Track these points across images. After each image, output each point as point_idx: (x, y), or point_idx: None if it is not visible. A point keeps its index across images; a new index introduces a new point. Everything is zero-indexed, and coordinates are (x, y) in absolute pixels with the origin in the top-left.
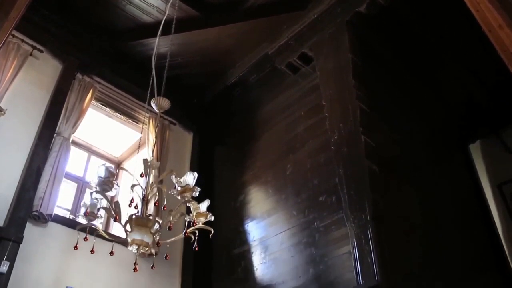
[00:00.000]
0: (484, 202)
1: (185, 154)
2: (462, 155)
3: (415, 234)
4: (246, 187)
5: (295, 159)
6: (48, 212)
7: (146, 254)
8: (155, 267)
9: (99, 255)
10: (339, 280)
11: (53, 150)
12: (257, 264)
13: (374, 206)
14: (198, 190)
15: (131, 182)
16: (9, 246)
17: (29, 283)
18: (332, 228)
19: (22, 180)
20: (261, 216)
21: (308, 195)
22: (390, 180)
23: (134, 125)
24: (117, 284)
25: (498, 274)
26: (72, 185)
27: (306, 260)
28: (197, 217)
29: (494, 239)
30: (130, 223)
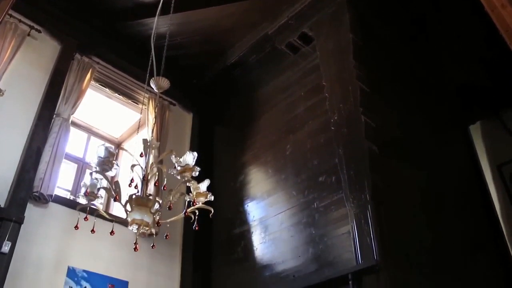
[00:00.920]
0: (483, 183)
1: (185, 135)
2: (462, 136)
3: (415, 215)
4: (246, 167)
5: (295, 139)
6: (49, 192)
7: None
8: (155, 246)
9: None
10: (338, 259)
11: (52, 131)
12: (257, 244)
13: (373, 186)
14: (198, 169)
15: (131, 162)
16: (10, 227)
17: (31, 263)
18: (332, 208)
19: (22, 161)
20: (261, 196)
21: (308, 175)
22: (390, 160)
23: (133, 106)
24: (118, 263)
25: (496, 253)
26: (72, 166)
27: (306, 240)
28: (197, 197)
29: (492, 219)
30: (130, 203)
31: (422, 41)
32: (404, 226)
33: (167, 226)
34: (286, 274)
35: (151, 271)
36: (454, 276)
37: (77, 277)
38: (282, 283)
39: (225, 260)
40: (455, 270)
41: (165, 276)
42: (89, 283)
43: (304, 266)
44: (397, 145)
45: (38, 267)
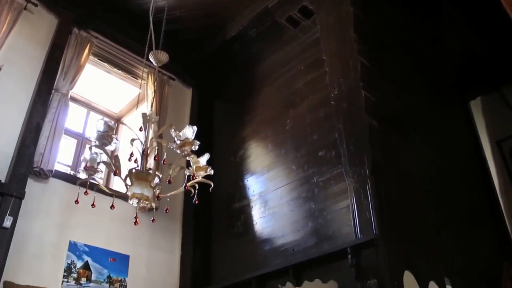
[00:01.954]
0: (483, 158)
1: (185, 109)
2: (463, 111)
3: (414, 189)
4: (246, 142)
5: (295, 114)
6: (49, 168)
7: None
8: (155, 220)
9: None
10: (337, 234)
11: (51, 106)
12: (257, 218)
13: (373, 161)
14: (198, 144)
15: (131, 137)
16: (11, 202)
17: (33, 237)
18: (331, 183)
19: (22, 137)
20: (260, 171)
21: (308, 150)
22: (389, 135)
23: (132, 81)
24: (119, 238)
25: (494, 228)
26: (72, 141)
27: (305, 214)
28: (196, 171)
29: (491, 194)
30: (130, 177)
31: (423, 15)
32: (403, 201)
33: (167, 200)
34: (286, 248)
35: (151, 245)
36: (453, 250)
37: (78, 251)
38: (281, 257)
39: (225, 234)
40: (454, 245)
41: (166, 250)
42: (90, 257)
43: (303, 240)
44: (397, 120)
45: (40, 242)
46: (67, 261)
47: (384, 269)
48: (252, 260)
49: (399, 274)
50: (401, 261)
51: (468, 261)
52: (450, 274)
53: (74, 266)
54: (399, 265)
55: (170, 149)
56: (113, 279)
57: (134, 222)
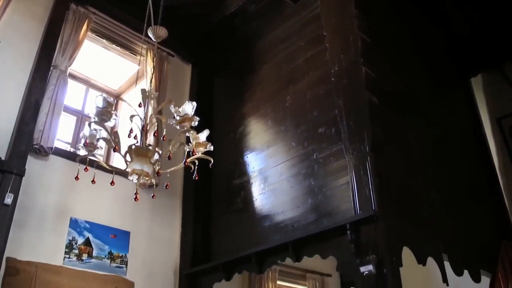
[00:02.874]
0: (483, 135)
1: (184, 86)
2: (463, 88)
3: (414, 166)
4: (246, 118)
5: (295, 90)
6: (49, 145)
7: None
8: (155, 196)
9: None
10: (336, 210)
11: (50, 83)
12: (257, 195)
13: (373, 137)
14: (197, 119)
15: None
16: (12, 179)
17: (34, 214)
18: (331, 160)
19: (21, 114)
20: (260, 147)
21: (308, 126)
22: (390, 112)
23: (131, 57)
24: (119, 214)
25: (493, 206)
26: (72, 118)
27: (305, 191)
28: (196, 147)
29: (490, 172)
30: (129, 153)
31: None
32: (403, 177)
33: (167, 176)
34: (285, 224)
35: (152, 222)
36: (451, 227)
37: (79, 227)
38: (281, 233)
39: (225, 211)
40: (453, 222)
41: (166, 226)
42: (91, 233)
43: (303, 217)
44: (398, 96)
45: (41, 218)
46: (68, 237)
47: (383, 245)
48: (252, 236)
49: (397, 250)
50: (400, 237)
51: (466, 238)
52: (448, 251)
53: (76, 242)
54: (398, 241)
55: (169, 125)
56: (114, 255)
57: (134, 198)
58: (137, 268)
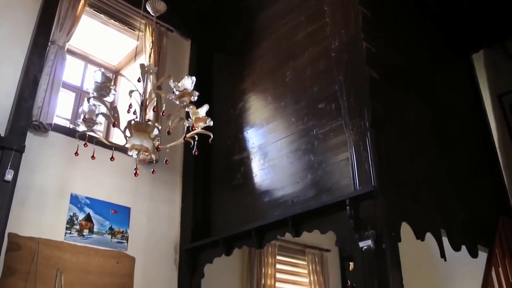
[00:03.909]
0: (483, 112)
1: (183, 62)
2: (465, 64)
3: (414, 142)
4: (245, 94)
5: (295, 66)
6: (48, 121)
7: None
8: (155, 171)
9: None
10: (336, 186)
11: (48, 59)
12: (256, 170)
13: (373, 113)
14: (197, 94)
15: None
16: (12, 155)
17: (34, 191)
18: (331, 135)
19: (20, 90)
20: (260, 123)
21: (308, 102)
22: (390, 87)
23: (130, 33)
24: (119, 190)
25: (491, 181)
26: (71, 94)
27: (305, 167)
28: (196, 122)
29: (489, 148)
30: (129, 128)
31: None
32: (402, 153)
33: (166, 151)
34: (285, 200)
35: (152, 198)
36: (450, 203)
37: (80, 203)
38: (281, 208)
39: (224, 186)
40: (452, 197)
41: (166, 202)
42: (92, 209)
43: (302, 192)
44: (399, 72)
45: (42, 195)
46: (69, 213)
47: (382, 221)
48: (251, 212)
49: (396, 225)
50: (399, 212)
51: (465, 214)
52: (447, 226)
53: (76, 218)
54: (396, 217)
55: (169, 100)
56: (115, 230)
57: (134, 174)
58: (138, 243)
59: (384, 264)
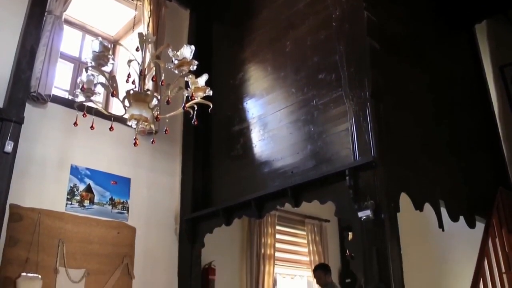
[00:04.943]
0: (484, 83)
1: (182, 32)
2: (467, 35)
3: (414, 113)
4: (245, 64)
5: (295, 36)
6: (46, 92)
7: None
8: (155, 141)
9: (101, 134)
10: (336, 156)
11: (45, 29)
12: (256, 141)
13: (373, 83)
14: (196, 63)
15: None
16: (11, 127)
17: (34, 162)
18: (331, 106)
19: (17, 61)
20: (260, 93)
21: (308, 72)
22: (391, 58)
23: (128, 2)
24: (120, 161)
25: (491, 153)
26: (69, 65)
27: (304, 137)
28: (195, 92)
29: (490, 119)
30: (128, 98)
31: None
32: (402, 124)
33: (166, 121)
34: (285, 170)
35: (152, 169)
36: (449, 173)
37: (80, 174)
38: (280, 179)
39: (224, 157)
40: (451, 168)
41: (166, 173)
42: (92, 180)
43: (302, 163)
44: (400, 42)
45: (42, 166)
46: (69, 184)
47: (381, 191)
48: (251, 182)
49: (395, 195)
50: (398, 183)
51: (464, 185)
52: (445, 197)
53: (77, 189)
54: (396, 187)
55: (168, 70)
56: (115, 201)
57: (133, 143)
58: (138, 213)
59: (383, 234)
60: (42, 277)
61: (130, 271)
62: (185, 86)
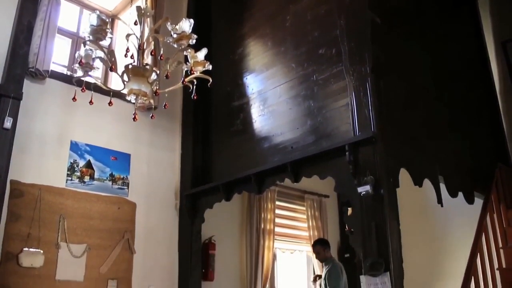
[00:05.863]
0: (486, 59)
1: (181, 6)
2: (469, 9)
3: (414, 89)
4: (245, 39)
5: (295, 10)
6: (45, 68)
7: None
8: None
9: (100, 110)
10: (336, 131)
11: (42, 4)
12: (256, 116)
13: (374, 58)
14: (195, 37)
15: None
16: (9, 103)
17: (34, 138)
18: (331, 81)
19: (14, 36)
20: (259, 69)
21: (308, 47)
22: (392, 33)
23: None
24: (119, 137)
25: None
26: (67, 41)
27: (304, 113)
28: (194, 66)
29: (491, 96)
30: (127, 73)
31: None
32: (402, 99)
33: (165, 96)
34: (284, 146)
35: (152, 144)
36: (449, 149)
37: (80, 150)
38: (280, 154)
39: (224, 133)
40: (451, 143)
41: (166, 148)
42: (92, 156)
43: (302, 138)
44: (401, 17)
45: (42, 142)
46: (69, 160)
47: (380, 166)
48: (251, 157)
49: (395, 171)
50: (398, 158)
51: (463, 161)
52: (445, 173)
53: (77, 165)
54: (395, 163)
55: (167, 44)
56: (115, 177)
57: (133, 118)
58: (138, 189)
59: (382, 209)
60: (44, 252)
61: (131, 246)
62: (184, 61)
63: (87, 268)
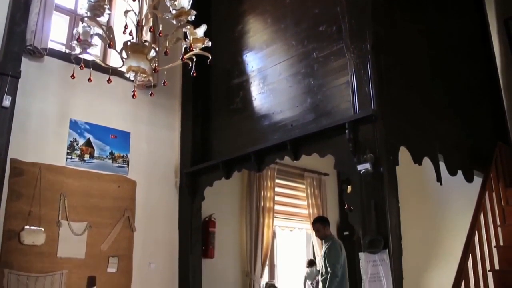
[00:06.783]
0: (488, 37)
1: None
2: None
3: (415, 66)
4: (245, 16)
5: None
6: (43, 46)
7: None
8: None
9: (99, 88)
10: (336, 109)
11: None
12: (255, 94)
13: (375, 36)
14: (194, 13)
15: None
16: (8, 81)
17: (33, 116)
18: (331, 59)
19: (10, 14)
20: (259, 46)
21: (308, 25)
22: (393, 10)
23: None
24: (119, 116)
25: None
26: (65, 18)
27: (304, 90)
28: (194, 43)
29: (492, 74)
30: (125, 49)
31: None
32: (403, 77)
33: (164, 73)
34: (284, 124)
35: (152, 123)
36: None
37: (80, 129)
38: (280, 132)
39: (224, 111)
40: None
41: (166, 126)
42: (92, 134)
43: (302, 116)
44: None
45: (41, 121)
46: (69, 138)
47: (380, 144)
48: (251, 135)
49: (395, 149)
50: (398, 136)
51: (463, 139)
52: (444, 151)
53: (77, 143)
54: (395, 141)
55: (166, 20)
56: (115, 155)
57: (132, 96)
58: (138, 167)
59: (381, 187)
60: (45, 230)
61: (132, 224)
62: (183, 37)
63: (88, 245)
